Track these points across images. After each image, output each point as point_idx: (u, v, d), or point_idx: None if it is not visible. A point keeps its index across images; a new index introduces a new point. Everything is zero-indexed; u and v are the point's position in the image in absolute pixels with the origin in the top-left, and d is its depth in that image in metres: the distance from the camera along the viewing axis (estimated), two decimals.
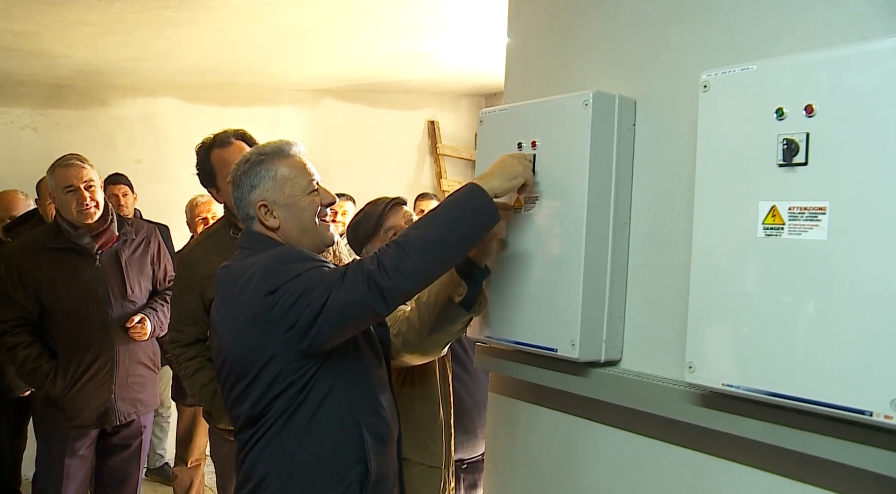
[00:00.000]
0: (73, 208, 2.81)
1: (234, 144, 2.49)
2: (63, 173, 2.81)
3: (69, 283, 2.83)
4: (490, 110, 1.88)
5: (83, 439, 2.92)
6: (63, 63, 4.18)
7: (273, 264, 1.62)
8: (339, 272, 1.56)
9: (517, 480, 1.93)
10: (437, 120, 5.93)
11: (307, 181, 1.74)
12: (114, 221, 2.95)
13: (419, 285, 1.56)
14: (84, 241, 2.86)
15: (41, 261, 2.82)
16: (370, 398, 1.74)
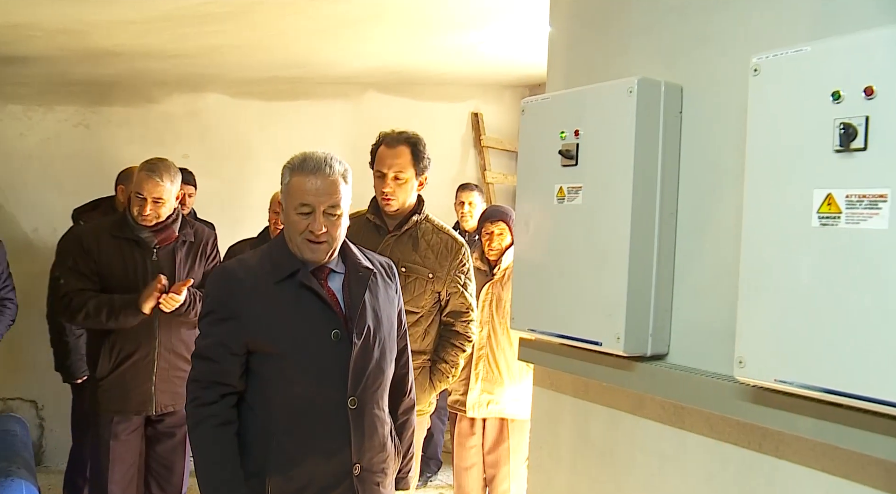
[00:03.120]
0: (134, 210, 2.96)
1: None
2: (140, 180, 2.94)
3: (124, 271, 2.94)
4: (532, 99, 1.85)
5: (126, 423, 3.00)
6: (111, 61, 4.26)
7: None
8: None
9: (560, 473, 1.91)
10: (480, 112, 5.88)
11: (299, 203, 1.89)
12: (176, 221, 3.05)
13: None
14: (144, 235, 2.98)
15: (104, 246, 2.95)
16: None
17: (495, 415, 3.35)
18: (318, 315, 1.92)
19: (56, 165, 4.76)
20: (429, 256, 2.68)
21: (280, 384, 1.90)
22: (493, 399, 3.33)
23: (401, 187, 2.64)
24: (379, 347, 1.98)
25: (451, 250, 2.73)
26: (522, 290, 1.84)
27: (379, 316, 2.00)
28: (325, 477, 1.90)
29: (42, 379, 4.55)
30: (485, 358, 3.34)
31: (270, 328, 1.88)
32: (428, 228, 2.74)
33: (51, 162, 4.75)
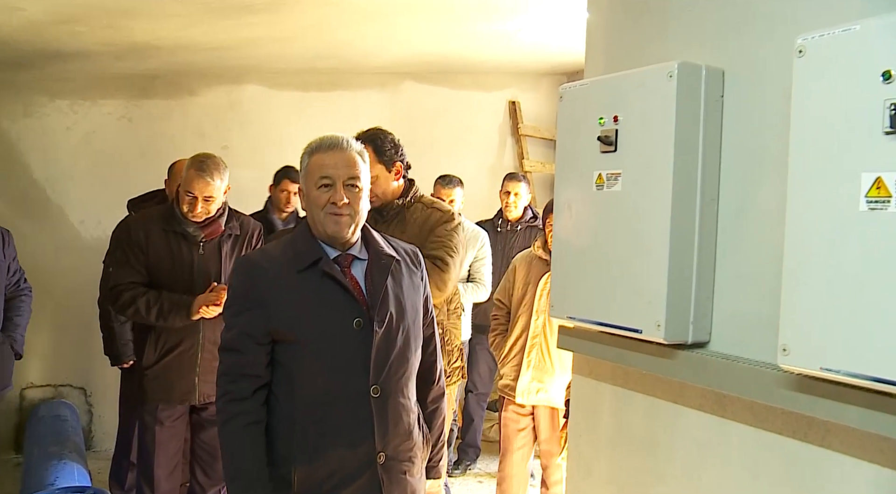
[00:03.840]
0: (184, 206, 2.99)
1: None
2: (190, 178, 2.96)
3: (171, 263, 3.00)
4: (570, 86, 1.83)
5: (171, 411, 3.07)
6: (153, 55, 4.33)
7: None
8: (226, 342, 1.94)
9: (600, 462, 1.90)
10: (517, 100, 5.85)
11: (319, 177, 1.92)
12: (223, 215, 3.10)
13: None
14: (191, 229, 3.02)
15: (152, 237, 3.00)
16: None
17: (544, 404, 3.38)
18: (339, 304, 1.92)
19: (101, 158, 4.86)
20: (413, 230, 2.74)
21: (303, 374, 1.91)
22: (543, 388, 3.37)
23: (374, 182, 2.66)
24: (402, 334, 1.98)
25: (435, 220, 2.78)
26: (562, 278, 1.83)
27: (402, 304, 2.00)
28: (349, 466, 1.91)
29: (90, 367, 4.68)
30: (538, 346, 3.36)
31: (292, 317, 1.89)
32: (417, 207, 2.82)
33: (96, 155, 4.86)
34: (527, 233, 4.57)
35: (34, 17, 3.43)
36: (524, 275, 3.46)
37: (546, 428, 3.42)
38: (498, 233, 4.61)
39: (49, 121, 4.86)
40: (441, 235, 2.75)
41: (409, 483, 2.00)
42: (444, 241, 2.74)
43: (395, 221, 2.79)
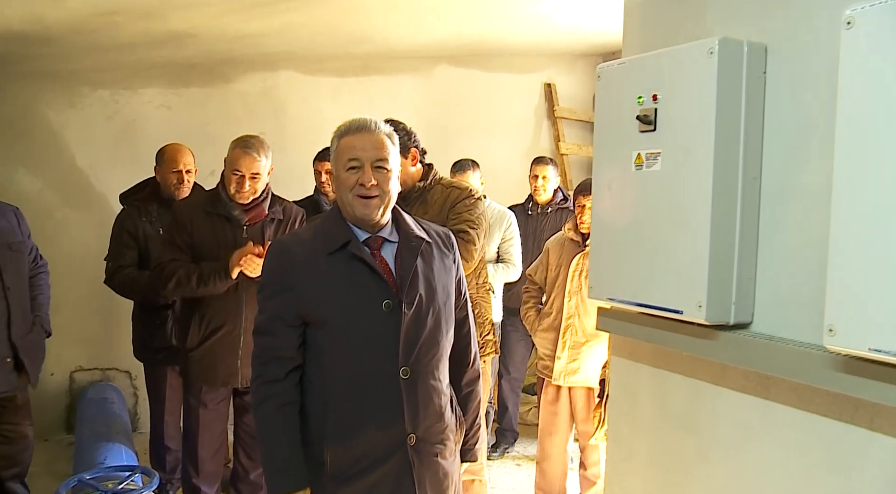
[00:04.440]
0: (231, 187, 3.02)
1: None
2: (237, 157, 3.00)
3: (215, 246, 3.04)
4: (608, 65, 1.81)
5: (214, 394, 3.13)
6: (190, 43, 4.38)
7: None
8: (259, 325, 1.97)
9: (640, 443, 1.89)
10: (553, 82, 5.80)
11: (347, 159, 1.94)
12: (266, 199, 3.13)
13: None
14: (235, 212, 3.06)
15: (198, 221, 3.06)
16: None
17: (581, 384, 3.39)
18: (368, 286, 1.93)
19: (141, 147, 4.93)
20: (434, 210, 2.86)
21: (334, 356, 1.93)
22: (579, 368, 3.38)
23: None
24: (433, 316, 1.98)
25: (454, 197, 2.89)
26: (600, 259, 1.81)
27: (433, 286, 2.00)
28: (380, 448, 1.93)
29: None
30: (572, 327, 3.38)
31: (322, 300, 1.91)
32: (437, 188, 2.94)
33: (136, 143, 4.94)
34: (558, 215, 4.57)
35: (76, 9, 3.49)
36: (557, 257, 3.49)
37: (583, 409, 3.44)
38: (529, 216, 4.62)
39: (91, 111, 4.95)
40: (460, 210, 2.86)
41: (440, 466, 2.02)
42: (464, 215, 2.84)
43: (418, 203, 2.89)
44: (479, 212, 2.89)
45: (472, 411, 2.21)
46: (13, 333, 3.07)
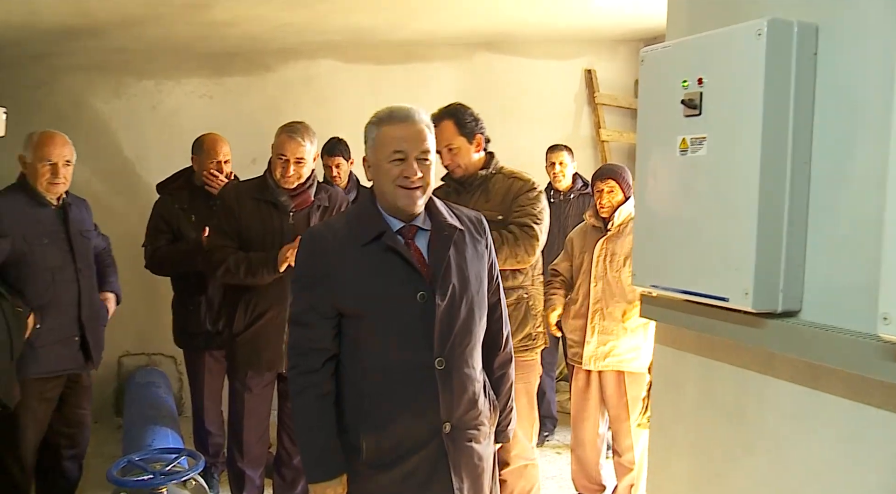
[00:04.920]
0: (277, 171, 3.07)
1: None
2: (282, 141, 3.07)
3: (262, 232, 3.10)
4: (652, 48, 1.78)
5: (259, 378, 3.18)
6: (231, 33, 4.42)
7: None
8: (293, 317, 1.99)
9: (683, 433, 1.87)
10: (593, 68, 5.73)
11: (391, 151, 1.91)
12: (312, 186, 3.18)
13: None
14: (282, 198, 3.11)
15: (245, 207, 3.11)
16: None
17: (612, 368, 3.39)
18: (403, 277, 1.92)
19: (184, 136, 5.00)
20: (497, 200, 2.90)
21: (369, 347, 1.94)
22: (609, 352, 3.38)
23: (457, 154, 2.93)
24: (466, 305, 1.98)
25: (517, 189, 2.92)
26: (644, 246, 1.79)
27: (466, 274, 2.00)
28: (416, 436, 1.94)
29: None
30: (600, 312, 3.40)
31: (357, 292, 1.91)
32: (499, 178, 2.98)
33: (179, 132, 5.00)
34: (580, 201, 4.57)
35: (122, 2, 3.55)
36: (581, 244, 3.53)
37: (614, 394, 3.43)
38: (551, 204, 4.59)
39: (137, 101, 5.04)
40: (524, 203, 2.90)
41: (475, 450, 2.03)
42: (527, 208, 2.89)
43: (479, 191, 2.94)
44: (541, 206, 2.94)
45: (504, 393, 2.22)
46: (83, 313, 3.18)
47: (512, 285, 2.91)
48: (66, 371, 3.18)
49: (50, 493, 3.37)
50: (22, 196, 3.09)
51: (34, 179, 3.09)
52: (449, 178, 3.05)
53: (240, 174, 3.95)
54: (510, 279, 2.91)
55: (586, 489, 3.61)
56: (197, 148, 3.80)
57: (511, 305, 2.86)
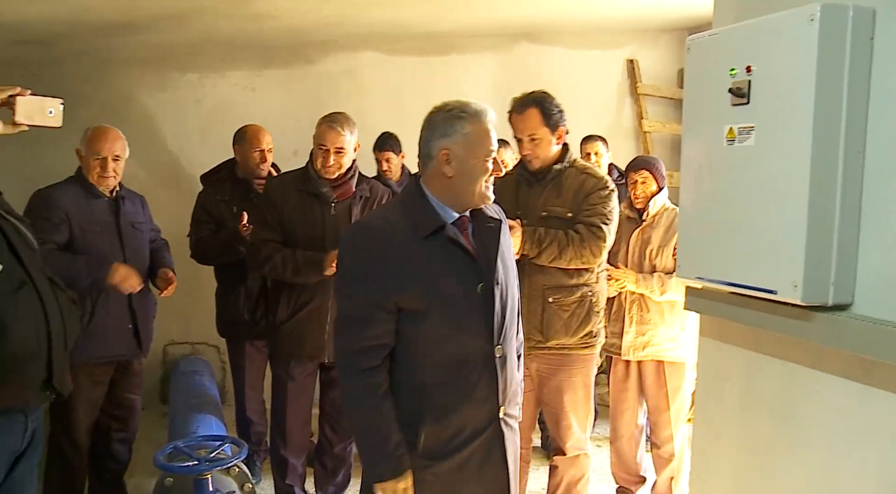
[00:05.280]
0: (318, 161, 3.11)
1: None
2: (322, 132, 3.10)
3: (305, 222, 3.13)
4: (699, 37, 1.75)
5: (301, 368, 3.22)
6: (273, 26, 4.46)
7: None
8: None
9: (729, 428, 1.84)
10: (636, 58, 5.66)
11: (487, 149, 1.94)
12: (354, 177, 3.20)
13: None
14: (324, 189, 3.13)
15: (288, 198, 3.15)
16: None
17: (651, 358, 3.37)
18: (465, 270, 1.93)
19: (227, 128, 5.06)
20: (568, 196, 2.84)
21: (429, 340, 1.91)
22: (648, 342, 3.37)
23: (538, 145, 2.83)
24: (510, 294, 2.03)
25: (589, 187, 2.85)
26: (689, 237, 1.76)
27: (507, 264, 2.04)
28: (475, 424, 1.96)
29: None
30: (637, 302, 3.38)
31: (422, 285, 1.89)
32: (572, 172, 2.89)
33: (222, 125, 5.06)
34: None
35: None
36: (616, 236, 3.46)
37: (653, 384, 3.41)
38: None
39: (181, 94, 5.12)
40: (595, 202, 2.84)
41: (515, 432, 2.09)
42: (598, 207, 2.83)
43: (551, 185, 2.89)
44: (612, 205, 2.88)
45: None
46: (133, 302, 3.28)
47: (577, 282, 2.87)
48: (117, 358, 3.27)
49: (102, 475, 3.47)
50: (77, 187, 3.23)
51: (87, 172, 3.22)
52: (522, 168, 2.97)
53: (282, 166, 3.99)
54: (575, 277, 2.86)
55: (626, 481, 3.59)
56: (239, 138, 3.86)
57: (574, 302, 2.86)
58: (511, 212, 2.90)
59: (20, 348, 2.00)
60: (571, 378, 2.92)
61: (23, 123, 1.96)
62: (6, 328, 1.96)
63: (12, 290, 2.00)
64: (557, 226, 2.81)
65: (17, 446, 2.11)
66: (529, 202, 2.89)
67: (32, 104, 1.97)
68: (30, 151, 4.51)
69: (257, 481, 3.85)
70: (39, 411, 2.20)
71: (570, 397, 2.93)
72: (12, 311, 1.99)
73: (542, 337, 2.86)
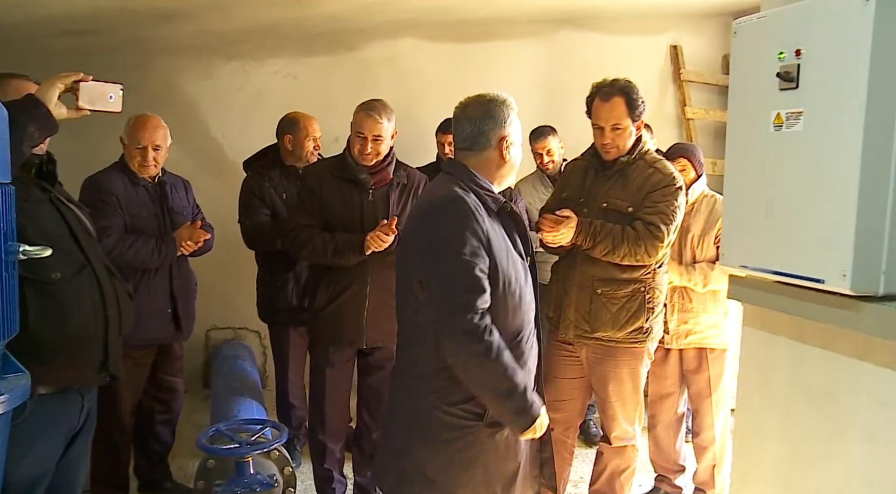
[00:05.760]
0: (355, 149, 3.11)
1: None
2: (360, 119, 3.09)
3: (342, 209, 3.14)
4: (746, 20, 1.71)
5: (340, 354, 3.24)
6: (315, 13, 4.48)
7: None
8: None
9: (771, 419, 1.81)
10: (679, 44, 5.55)
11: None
12: (391, 163, 3.20)
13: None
14: (362, 175, 3.14)
15: (326, 184, 3.16)
16: None
17: (694, 345, 3.33)
18: (519, 242, 2.11)
19: (269, 115, 5.10)
20: (632, 190, 2.77)
21: (501, 311, 2.01)
22: (691, 330, 3.33)
23: (619, 135, 2.78)
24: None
25: (654, 183, 2.77)
26: (734, 225, 1.74)
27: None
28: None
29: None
30: (679, 289, 3.32)
31: (499, 256, 2.01)
32: (640, 164, 2.82)
33: (265, 112, 5.10)
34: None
35: None
36: None
37: (695, 370, 3.38)
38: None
39: (224, 82, 5.18)
40: (658, 199, 2.76)
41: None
42: (660, 205, 2.75)
43: (617, 176, 2.84)
44: (677, 204, 2.77)
45: None
46: (174, 286, 3.36)
47: (629, 276, 2.80)
48: (157, 341, 3.34)
49: (146, 456, 3.56)
50: (121, 174, 3.31)
51: (129, 160, 3.31)
52: (592, 156, 2.93)
53: (323, 153, 4.01)
54: (628, 271, 2.79)
55: (665, 470, 3.56)
56: (290, 126, 3.88)
57: (625, 296, 2.80)
58: (574, 199, 2.91)
59: (80, 329, 2.08)
60: (617, 369, 2.88)
61: (85, 107, 2.04)
62: (67, 308, 2.05)
63: (74, 272, 2.10)
64: (616, 220, 2.76)
65: (74, 424, 2.20)
66: (593, 191, 2.86)
67: (95, 90, 2.04)
68: (78, 140, 4.62)
69: (297, 465, 3.90)
70: (94, 392, 2.27)
71: (615, 387, 2.89)
72: (73, 292, 2.08)
73: (588, 328, 2.83)
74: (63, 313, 2.04)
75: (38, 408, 1.99)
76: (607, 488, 3.07)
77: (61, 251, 2.06)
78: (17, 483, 2.00)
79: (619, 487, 3.05)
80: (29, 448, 2.02)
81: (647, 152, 2.87)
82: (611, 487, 3.06)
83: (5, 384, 1.46)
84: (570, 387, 2.99)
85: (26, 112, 1.91)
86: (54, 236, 2.08)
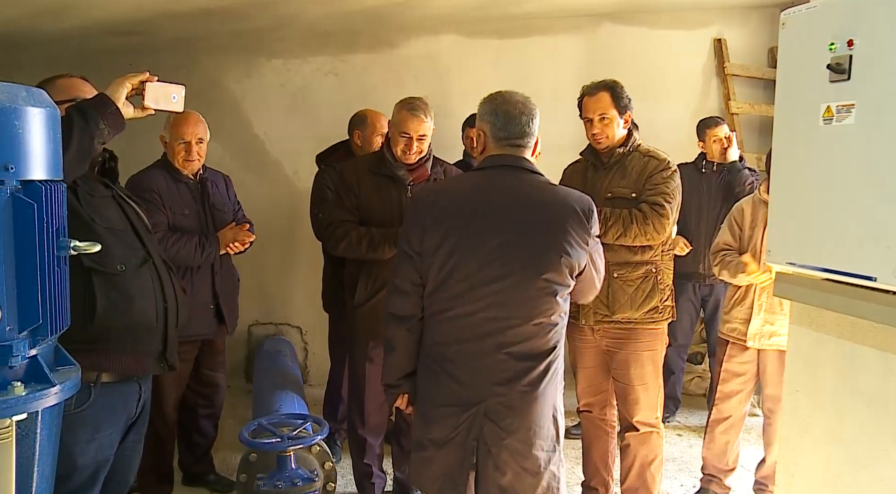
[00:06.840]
0: (399, 148, 3.12)
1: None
2: (404, 119, 3.09)
3: (380, 205, 3.16)
4: (795, 10, 1.67)
5: (380, 349, 3.22)
6: (356, 10, 4.50)
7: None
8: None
9: (820, 420, 1.77)
10: (724, 38, 5.45)
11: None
12: (429, 160, 3.22)
13: None
14: (400, 172, 3.15)
15: (363, 181, 3.18)
16: None
17: (777, 347, 3.24)
18: None
19: (311, 112, 5.18)
20: (632, 178, 3.00)
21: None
22: (776, 331, 3.24)
23: (607, 125, 2.99)
24: None
25: (651, 168, 2.98)
26: (781, 221, 1.70)
27: None
28: None
29: (306, 308, 5.08)
30: (768, 290, 3.21)
31: None
32: (636, 156, 3.03)
33: (306, 109, 5.18)
34: (730, 174, 4.38)
35: None
36: (750, 219, 3.34)
37: (775, 372, 3.26)
38: (702, 175, 4.47)
39: (267, 80, 5.24)
40: (658, 181, 2.97)
41: None
42: (661, 187, 2.96)
43: (616, 168, 3.03)
44: (674, 185, 3.00)
45: None
46: (216, 282, 3.42)
47: (641, 259, 3.00)
48: (200, 336, 3.39)
49: (190, 450, 3.63)
50: (164, 172, 3.37)
51: (172, 157, 3.36)
52: (590, 153, 3.13)
53: None
54: (639, 254, 2.99)
55: (717, 470, 3.47)
56: (360, 123, 3.93)
57: (639, 278, 2.99)
58: None
59: (142, 319, 2.16)
60: (638, 352, 3.01)
61: (151, 107, 2.09)
62: (132, 299, 2.12)
63: (137, 265, 2.17)
64: (622, 206, 2.95)
65: (132, 413, 2.26)
66: (596, 185, 3.02)
67: (160, 90, 2.09)
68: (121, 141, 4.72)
69: (337, 460, 3.94)
70: (149, 382, 2.33)
71: (636, 370, 3.00)
72: (137, 285, 2.15)
73: (608, 311, 2.99)
74: (128, 303, 2.11)
75: (102, 396, 2.08)
76: (639, 482, 3.11)
77: (125, 245, 2.15)
78: (82, 467, 2.08)
79: (651, 479, 3.10)
80: (94, 434, 2.09)
81: (640, 145, 3.06)
82: (642, 480, 3.10)
83: (58, 376, 1.50)
84: (596, 373, 3.17)
85: (98, 110, 1.97)
86: (119, 231, 2.16)
